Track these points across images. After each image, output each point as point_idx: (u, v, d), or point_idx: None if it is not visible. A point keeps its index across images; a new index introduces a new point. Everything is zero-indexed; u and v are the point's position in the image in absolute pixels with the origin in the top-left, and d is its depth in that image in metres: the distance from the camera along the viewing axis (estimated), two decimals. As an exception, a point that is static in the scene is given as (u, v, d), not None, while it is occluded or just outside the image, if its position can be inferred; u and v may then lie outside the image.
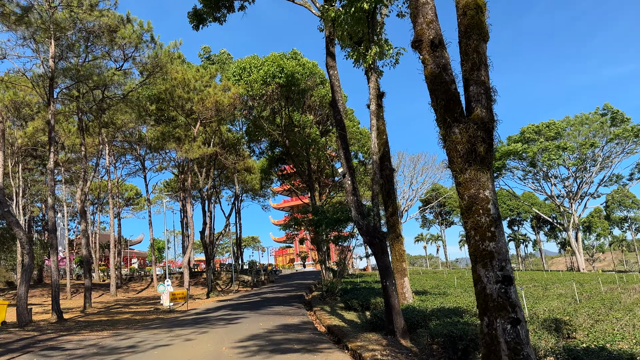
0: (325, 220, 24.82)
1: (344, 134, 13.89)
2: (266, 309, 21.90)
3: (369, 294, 23.02)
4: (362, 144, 39.99)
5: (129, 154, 48.98)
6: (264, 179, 50.32)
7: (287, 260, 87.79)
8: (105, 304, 31.41)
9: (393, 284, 12.87)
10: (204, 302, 30.04)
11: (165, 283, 26.62)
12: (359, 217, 13.25)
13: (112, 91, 27.55)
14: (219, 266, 61.26)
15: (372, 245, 13.11)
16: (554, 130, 59.53)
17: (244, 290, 41.87)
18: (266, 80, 29.30)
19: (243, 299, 29.98)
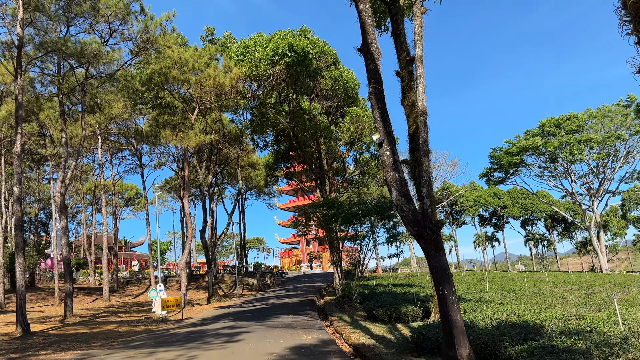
0: (341, 215, 21.13)
1: (380, 88, 10.19)
2: (274, 319, 18.20)
3: (395, 300, 19.31)
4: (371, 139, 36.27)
5: (125, 149, 45.51)
6: (269, 176, 46.61)
7: (293, 262, 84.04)
8: (93, 311, 27.81)
9: (453, 293, 9.18)
10: (203, 309, 26.38)
11: (158, 288, 22.99)
12: (403, 200, 9.52)
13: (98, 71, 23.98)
14: (222, 268, 57.58)
15: (422, 239, 9.37)
16: (574, 123, 55.62)
17: (249, 295, 38.21)
18: (274, 59, 25.63)
19: (247, 305, 26.31)
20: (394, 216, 21.30)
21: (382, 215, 21.04)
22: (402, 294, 23.64)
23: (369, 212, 21.05)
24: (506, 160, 57.53)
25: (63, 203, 22.44)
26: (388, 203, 21.07)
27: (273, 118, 33.82)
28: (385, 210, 20.99)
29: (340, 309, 20.95)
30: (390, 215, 21.14)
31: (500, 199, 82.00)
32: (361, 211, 21.19)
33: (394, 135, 10.13)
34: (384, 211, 20.98)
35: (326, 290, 38.80)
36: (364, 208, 21.05)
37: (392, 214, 21.26)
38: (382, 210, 20.94)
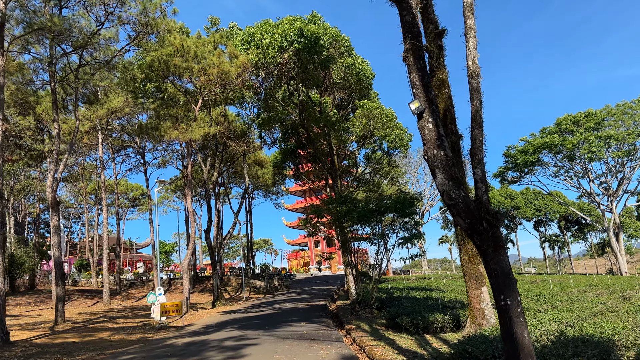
0: (356, 211, 19.04)
1: (419, 44, 8.07)
2: (284, 327, 16.14)
3: (419, 307, 17.20)
4: (388, 131, 34.13)
5: (129, 147, 43.70)
6: (277, 174, 44.55)
7: (302, 264, 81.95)
8: (90, 316, 25.90)
9: (518, 303, 7.07)
10: (207, 314, 24.37)
11: (157, 291, 21.00)
12: (451, 184, 7.41)
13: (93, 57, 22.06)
14: (229, 270, 55.64)
15: (477, 234, 7.24)
16: (593, 121, 53.21)
17: (256, 298, 36.19)
18: (282, 45, 23.61)
19: (254, 310, 24.28)
20: (414, 213, 19.22)
21: (402, 213, 18.96)
22: (423, 299, 21.51)
23: (388, 209, 18.96)
24: (522, 158, 55.26)
25: (55, 199, 20.53)
26: (409, 199, 19.00)
27: (281, 112, 31.84)
28: (406, 206, 18.91)
29: (357, 315, 18.88)
30: (412, 212, 19.06)
31: (512, 200, 79.48)
32: (378, 208, 19.11)
33: (436, 104, 8.03)
34: (404, 208, 18.90)
35: (337, 293, 36.71)
36: (381, 204, 18.95)
37: (413, 211, 19.18)
38: (402, 207, 18.86)
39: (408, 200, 19.00)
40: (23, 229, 52.63)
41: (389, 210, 19.05)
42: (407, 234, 19.27)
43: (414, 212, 19.06)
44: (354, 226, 20.49)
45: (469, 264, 13.24)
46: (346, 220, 19.88)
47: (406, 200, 18.99)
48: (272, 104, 31.31)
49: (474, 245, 7.50)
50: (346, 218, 19.42)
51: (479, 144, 7.93)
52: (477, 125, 7.98)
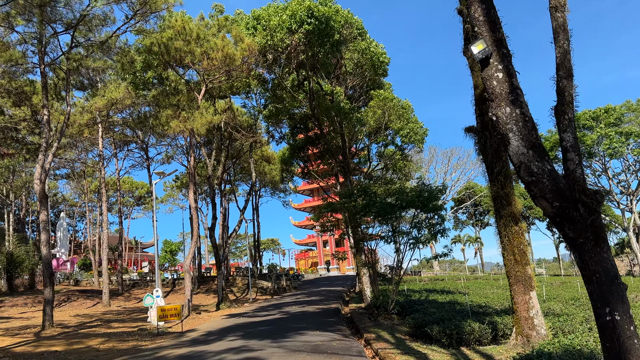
0: (375, 205, 16.96)
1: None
2: (294, 336, 14.08)
3: (447, 313, 15.09)
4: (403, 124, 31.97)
5: (132, 142, 41.85)
6: (285, 171, 42.59)
7: (309, 264, 79.89)
8: (85, 319, 23.98)
9: (630, 319, 4.99)
10: (210, 318, 22.37)
11: (154, 294, 19.02)
12: (531, 154, 5.26)
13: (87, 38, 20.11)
14: (235, 271, 53.70)
15: (569, 221, 5.09)
16: (613, 116, 50.76)
17: (263, 299, 34.18)
18: (291, 27, 21.58)
19: (261, 313, 22.25)
20: (439, 208, 17.10)
21: (425, 207, 16.85)
22: (447, 304, 19.35)
23: (410, 203, 16.85)
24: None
25: (43, 192, 18.60)
26: (433, 192, 16.88)
27: (290, 104, 29.85)
28: (430, 200, 16.80)
29: (375, 321, 16.79)
30: (436, 207, 16.94)
31: (526, 199, 76.90)
32: (400, 202, 17.01)
33: (507, 46, 5.90)
34: (428, 201, 16.79)
35: (348, 295, 34.61)
36: (403, 198, 16.84)
37: (438, 206, 17.06)
38: (426, 201, 16.75)
39: (433, 193, 16.90)
40: (24, 227, 50.93)
41: (412, 204, 16.95)
42: (432, 230, 17.14)
43: (438, 207, 16.94)
44: (372, 223, 18.38)
45: (515, 264, 11.11)
46: (363, 216, 17.80)
47: (431, 193, 16.89)
48: (281, 95, 29.32)
49: (565, 238, 5.36)
50: (364, 213, 17.35)
51: (568, 98, 5.75)
52: (565, 73, 5.79)
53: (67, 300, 35.49)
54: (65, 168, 48.87)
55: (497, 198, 11.40)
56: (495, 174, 11.43)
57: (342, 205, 17.66)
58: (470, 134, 11.87)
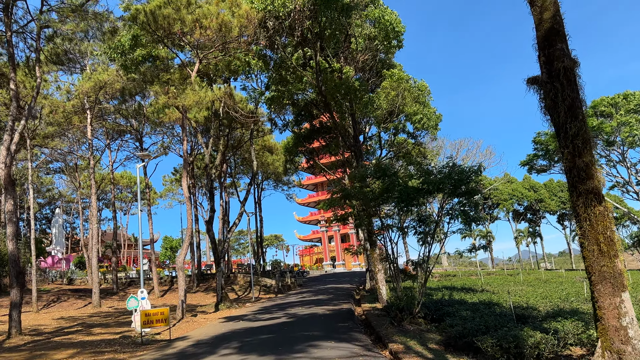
0: (397, 190, 14.07)
1: None
2: (304, 349, 11.20)
3: (490, 319, 12.23)
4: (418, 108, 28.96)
5: (127, 132, 39.02)
6: (289, 162, 39.70)
7: (314, 260, 77.05)
8: (68, 323, 21.18)
9: None
10: (206, 322, 19.53)
11: (139, 295, 16.20)
12: None
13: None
14: (237, 267, 50.90)
15: None
16: (633, 102, 47.71)
17: (266, 298, 31.36)
18: (294, -10, 18.69)
19: (264, 316, 19.40)
20: (474, 192, 14.20)
21: (458, 191, 13.96)
22: (481, 305, 16.46)
23: (439, 186, 13.95)
24: (554, 144, 49.83)
25: (9, 177, 15.76)
26: (467, 172, 13.99)
27: (294, 87, 26.98)
28: (462, 182, 13.91)
29: (398, 327, 13.92)
30: (472, 190, 14.04)
31: (536, 192, 73.94)
32: (427, 185, 14.12)
33: None
34: (460, 183, 13.90)
35: (358, 293, 31.74)
36: (430, 180, 13.93)
37: (473, 189, 14.17)
38: (458, 183, 13.87)
39: (465, 174, 14.00)
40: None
41: (440, 187, 14.05)
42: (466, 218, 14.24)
43: (473, 189, 14.05)
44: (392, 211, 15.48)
45: (600, 256, 8.17)
46: (381, 203, 14.91)
47: (463, 174, 13.99)
48: (284, 76, 26.42)
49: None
50: (382, 200, 14.45)
51: None
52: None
53: (57, 300, 32.78)
54: (58, 161, 46.08)
55: (572, 169, 8.47)
56: (571, 137, 8.53)
57: (356, 190, 14.78)
58: (534, 86, 9.02)
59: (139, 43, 24.16)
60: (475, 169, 14.18)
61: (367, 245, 28.36)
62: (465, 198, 14.02)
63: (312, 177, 75.65)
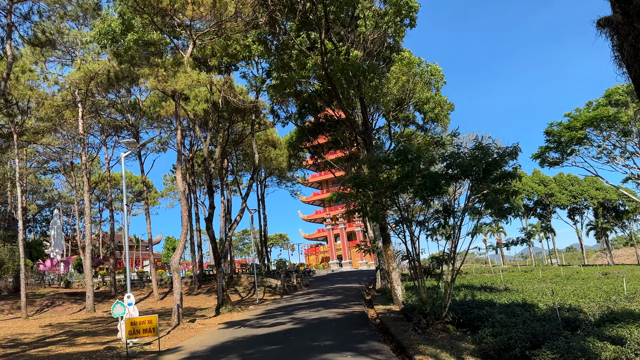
0: (419, 175, 12.01)
1: None
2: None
3: (537, 325, 10.17)
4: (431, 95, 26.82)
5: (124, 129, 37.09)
6: (293, 157, 37.68)
7: (320, 259, 74.98)
8: (53, 331, 19.20)
9: None
10: (204, 329, 17.51)
11: (126, 301, 14.20)
12: None
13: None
14: (241, 268, 48.87)
15: None
16: (650, 90, 45.36)
17: (271, 300, 29.33)
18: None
19: (268, 321, 17.36)
20: (510, 175, 12.12)
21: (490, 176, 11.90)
22: (515, 306, 14.40)
23: (468, 171, 11.89)
24: (567, 135, 47.55)
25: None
26: (499, 155, 11.92)
27: (297, 74, 24.94)
28: (496, 165, 11.85)
29: (423, 334, 11.87)
30: (507, 174, 11.97)
31: (546, 187, 71.62)
32: (455, 168, 12.07)
33: None
34: (493, 167, 11.85)
35: (368, 293, 29.70)
36: (458, 163, 11.87)
37: (510, 173, 12.09)
38: (490, 167, 11.81)
39: (497, 157, 11.94)
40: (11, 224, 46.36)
41: (469, 172, 11.99)
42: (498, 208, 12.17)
43: (510, 173, 11.98)
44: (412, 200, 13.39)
45: None
46: (400, 191, 12.83)
47: (492, 157, 11.93)
48: (287, 62, 24.42)
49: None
50: (401, 188, 12.37)
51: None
52: None
53: (51, 304, 30.86)
54: (54, 161, 44.23)
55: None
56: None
57: (371, 177, 12.72)
58: (605, 29, 6.99)
59: (130, 27, 22.21)
60: (510, 150, 12.10)
61: (378, 243, 26.33)
62: (502, 182, 11.92)
63: (316, 174, 73.66)
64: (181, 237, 19.68)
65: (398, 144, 26.39)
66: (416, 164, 12.01)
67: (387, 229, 20.07)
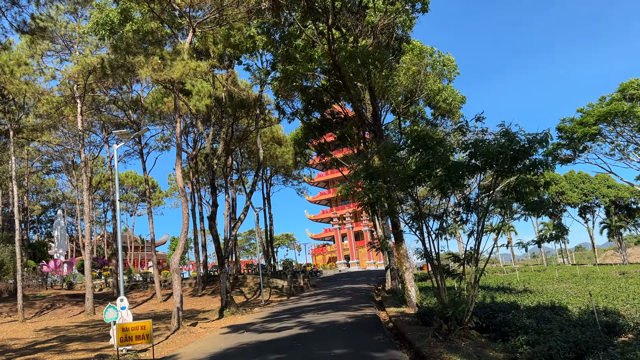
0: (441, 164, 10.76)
1: None
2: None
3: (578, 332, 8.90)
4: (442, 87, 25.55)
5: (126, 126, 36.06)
6: (299, 154, 36.53)
7: (327, 259, 73.72)
8: (46, 335, 18.10)
9: None
10: (206, 333, 16.34)
11: (119, 304, 13.05)
12: None
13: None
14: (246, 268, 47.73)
15: None
16: (666, 84, 43.88)
17: (277, 302, 28.14)
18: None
19: (273, 325, 16.17)
20: (542, 164, 10.86)
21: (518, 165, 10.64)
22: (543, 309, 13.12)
23: (493, 160, 10.63)
24: (580, 131, 46.06)
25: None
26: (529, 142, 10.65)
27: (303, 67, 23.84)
28: (526, 153, 10.59)
29: (445, 341, 10.64)
30: (538, 163, 10.71)
31: (557, 184, 69.94)
32: (478, 157, 10.83)
33: None
34: (523, 155, 10.59)
35: (377, 294, 28.47)
36: (484, 151, 10.61)
37: (541, 162, 10.83)
38: (519, 154, 10.55)
39: (526, 144, 10.67)
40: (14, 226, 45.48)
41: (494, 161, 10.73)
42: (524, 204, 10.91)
43: (542, 162, 10.72)
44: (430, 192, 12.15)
45: None
46: (417, 183, 11.60)
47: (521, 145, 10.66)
48: (292, 54, 23.29)
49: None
50: (419, 179, 11.13)
51: None
52: None
53: (51, 307, 29.88)
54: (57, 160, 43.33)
55: None
56: None
57: (385, 167, 11.48)
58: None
59: (128, 17, 21.20)
60: (541, 137, 10.82)
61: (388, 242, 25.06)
62: (531, 172, 10.66)
63: (323, 173, 72.44)
64: (181, 236, 18.54)
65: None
66: (439, 150, 10.75)
67: (399, 226, 18.84)
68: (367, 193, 11.48)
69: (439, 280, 11.64)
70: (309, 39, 21.60)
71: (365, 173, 11.83)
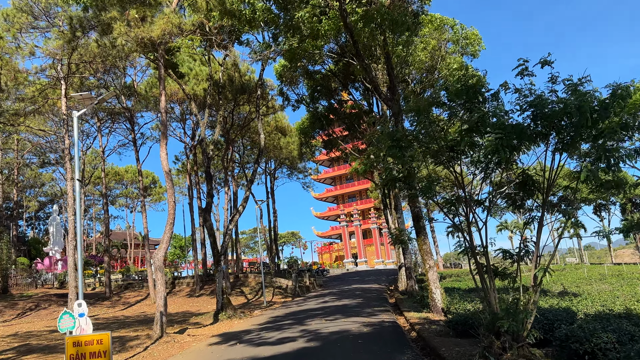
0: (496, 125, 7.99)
1: None
2: None
3: None
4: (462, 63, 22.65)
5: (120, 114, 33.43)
6: (305, 145, 33.75)
7: (334, 257, 70.90)
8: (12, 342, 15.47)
9: None
10: (192, 344, 13.55)
11: (76, 311, 10.36)
12: None
13: None
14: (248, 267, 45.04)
15: None
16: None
17: (281, 303, 25.37)
18: None
19: (273, 335, 13.37)
20: (627, 127, 8.03)
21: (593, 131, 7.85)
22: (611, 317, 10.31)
23: (561, 122, 7.84)
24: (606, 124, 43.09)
25: None
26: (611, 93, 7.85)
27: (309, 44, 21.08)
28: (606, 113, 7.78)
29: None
30: (623, 125, 7.89)
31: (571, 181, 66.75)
32: (541, 120, 8.03)
33: None
34: (604, 116, 7.78)
35: (390, 294, 25.65)
36: (546, 114, 7.80)
37: (627, 124, 8.01)
38: (600, 114, 7.74)
39: (608, 100, 7.85)
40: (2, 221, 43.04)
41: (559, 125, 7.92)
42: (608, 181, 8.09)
43: (627, 124, 7.90)
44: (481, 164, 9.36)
45: None
46: (460, 153, 8.82)
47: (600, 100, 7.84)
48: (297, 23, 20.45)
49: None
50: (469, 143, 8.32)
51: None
52: None
53: (35, 307, 27.36)
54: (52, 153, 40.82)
55: None
56: None
57: (421, 131, 8.70)
58: None
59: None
60: (624, 92, 7.98)
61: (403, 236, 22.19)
62: (616, 138, 7.83)
63: (329, 170, 69.68)
64: (166, 227, 15.82)
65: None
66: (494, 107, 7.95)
67: (421, 217, 16.02)
68: (396, 164, 8.66)
69: (490, 283, 8.80)
70: (315, 7, 18.82)
71: (393, 139, 8.98)
